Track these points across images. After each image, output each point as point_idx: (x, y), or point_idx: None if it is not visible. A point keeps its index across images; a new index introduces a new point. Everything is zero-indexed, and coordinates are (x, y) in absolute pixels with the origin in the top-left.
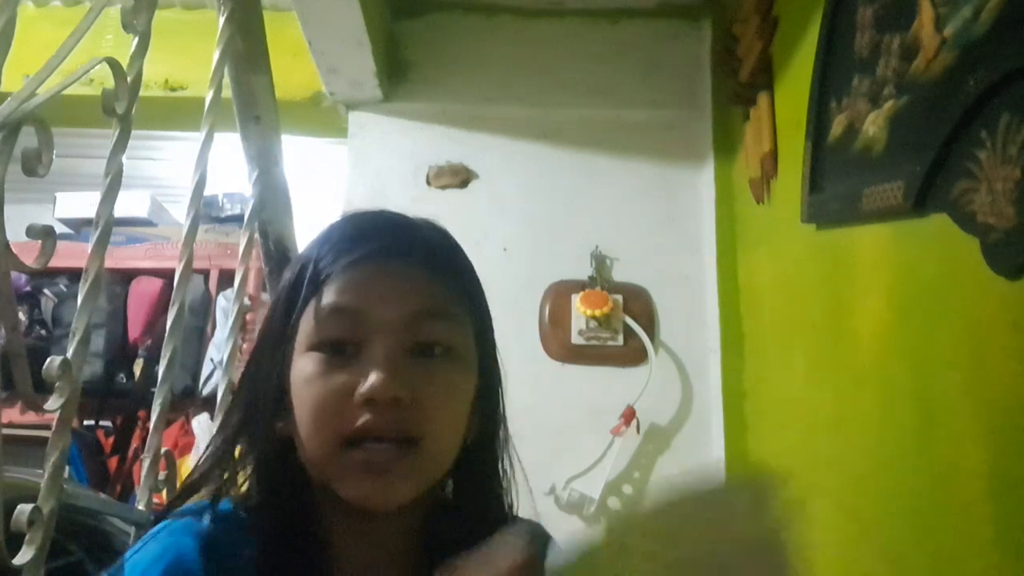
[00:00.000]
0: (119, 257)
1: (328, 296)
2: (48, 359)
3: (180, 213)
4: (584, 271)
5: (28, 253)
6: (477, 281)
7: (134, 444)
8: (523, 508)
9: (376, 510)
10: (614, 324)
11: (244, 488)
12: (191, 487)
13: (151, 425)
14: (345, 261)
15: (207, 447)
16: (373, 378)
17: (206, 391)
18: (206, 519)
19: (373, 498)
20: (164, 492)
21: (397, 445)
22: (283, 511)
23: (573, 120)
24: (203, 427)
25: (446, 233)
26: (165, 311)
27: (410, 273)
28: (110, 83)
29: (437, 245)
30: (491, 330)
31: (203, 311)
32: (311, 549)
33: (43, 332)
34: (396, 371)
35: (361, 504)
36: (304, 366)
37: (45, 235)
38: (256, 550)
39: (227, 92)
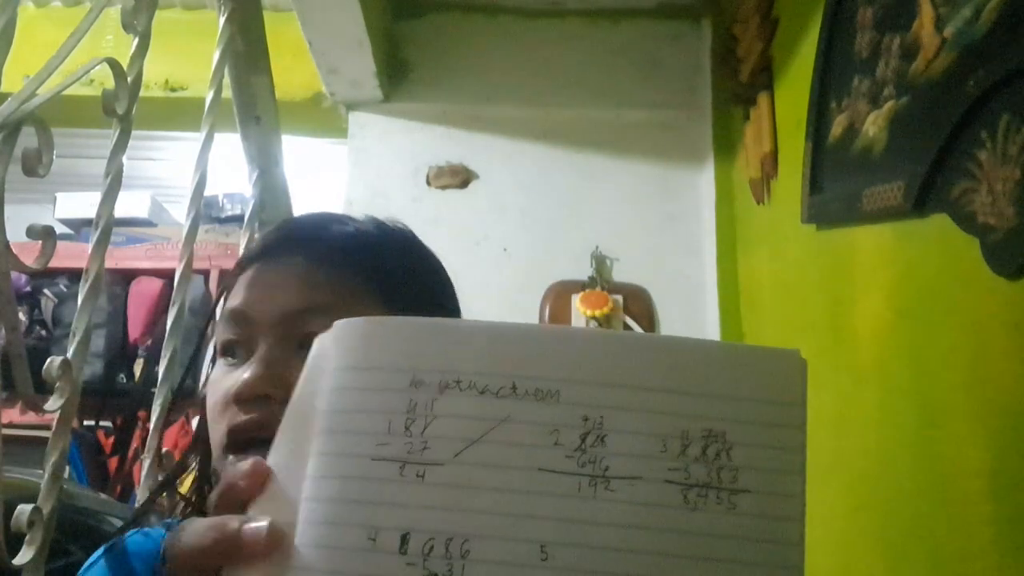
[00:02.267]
0: (119, 257)
1: (231, 298)
2: (48, 359)
3: (180, 213)
4: (584, 271)
5: (28, 253)
6: (410, 274)
7: (134, 444)
8: None
9: None
10: (614, 324)
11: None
12: (156, 493)
13: (151, 425)
14: (249, 259)
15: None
16: (243, 376)
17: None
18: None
19: None
20: (164, 492)
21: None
22: None
23: (573, 120)
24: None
25: (380, 229)
26: (165, 311)
27: (292, 270)
28: (110, 83)
29: (343, 234)
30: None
31: (203, 311)
32: None
33: (43, 332)
34: (268, 368)
35: None
36: (212, 374)
37: (45, 235)
38: None
39: (227, 92)
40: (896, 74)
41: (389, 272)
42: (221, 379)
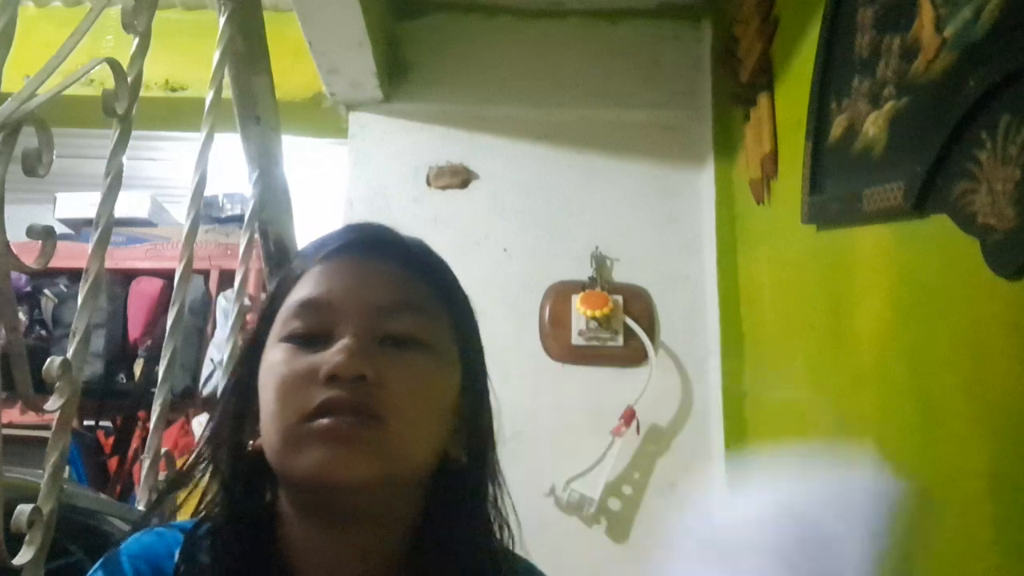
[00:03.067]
0: (119, 257)
1: (300, 291)
2: (48, 359)
3: (180, 213)
4: (584, 272)
5: (28, 253)
6: (457, 284)
7: (134, 444)
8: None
9: (333, 483)
10: (614, 325)
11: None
12: (152, 508)
13: (151, 425)
14: (319, 256)
15: (187, 458)
16: (337, 355)
17: (206, 391)
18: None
19: (330, 467)
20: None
21: (360, 418)
22: (247, 528)
23: (573, 120)
24: (203, 427)
25: (424, 242)
26: (165, 311)
27: (379, 266)
28: (110, 83)
29: (411, 244)
30: (475, 334)
31: (203, 311)
32: (271, 571)
33: (43, 332)
34: (361, 351)
35: (318, 477)
36: (272, 356)
37: (45, 235)
38: (210, 571)
39: (227, 92)
40: (896, 74)
41: (445, 280)
42: (290, 361)
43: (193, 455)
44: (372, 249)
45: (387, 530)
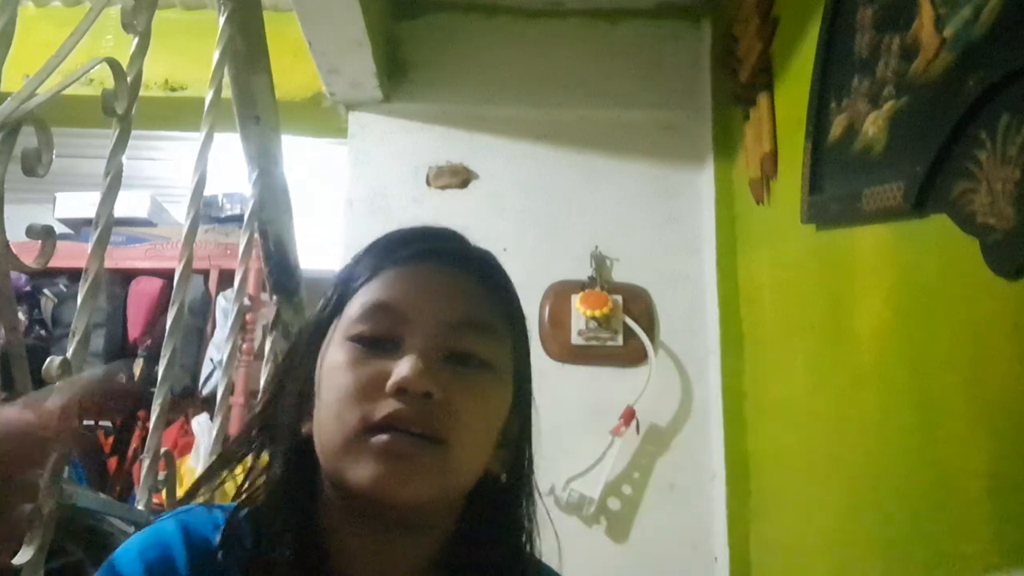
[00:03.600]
0: (119, 257)
1: (373, 291)
2: (48, 359)
3: (180, 213)
4: (584, 271)
5: (28, 253)
6: (519, 304)
7: (134, 444)
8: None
9: (387, 500)
10: (614, 324)
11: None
12: (199, 484)
13: (151, 425)
14: (395, 258)
15: (228, 443)
16: (407, 370)
17: (206, 391)
18: (198, 517)
19: (387, 485)
20: (163, 492)
21: (422, 440)
22: (291, 515)
23: (573, 120)
24: (203, 427)
25: (494, 256)
26: (165, 311)
27: (454, 280)
28: (110, 83)
29: (490, 261)
30: (528, 361)
31: (203, 311)
32: (311, 560)
33: (43, 332)
34: (431, 367)
35: (372, 492)
36: (337, 355)
37: (45, 235)
38: (251, 554)
39: (227, 92)
40: (896, 74)
41: (514, 303)
42: (355, 365)
43: (242, 434)
44: (448, 260)
45: (427, 537)
